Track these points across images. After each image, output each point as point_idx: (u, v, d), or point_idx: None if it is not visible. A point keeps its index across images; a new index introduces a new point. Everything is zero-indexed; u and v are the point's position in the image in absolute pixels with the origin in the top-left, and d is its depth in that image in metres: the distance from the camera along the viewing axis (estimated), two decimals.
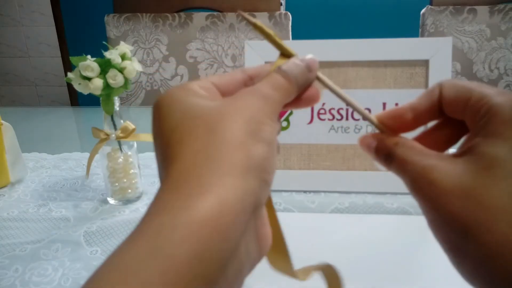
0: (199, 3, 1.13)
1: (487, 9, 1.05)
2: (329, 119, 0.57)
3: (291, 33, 1.10)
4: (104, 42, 0.60)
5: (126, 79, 0.51)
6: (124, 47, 0.51)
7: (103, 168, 0.56)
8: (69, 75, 0.50)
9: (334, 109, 0.57)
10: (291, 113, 0.58)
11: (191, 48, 1.13)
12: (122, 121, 0.54)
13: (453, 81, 0.24)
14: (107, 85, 0.50)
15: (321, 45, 0.57)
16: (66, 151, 0.75)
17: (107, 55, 0.50)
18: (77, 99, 2.36)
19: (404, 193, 0.55)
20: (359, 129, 0.57)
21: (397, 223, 0.50)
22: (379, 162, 0.26)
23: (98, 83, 0.49)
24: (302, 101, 0.25)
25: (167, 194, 0.18)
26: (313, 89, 0.25)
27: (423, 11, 1.10)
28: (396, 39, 0.56)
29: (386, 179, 0.55)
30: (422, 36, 1.10)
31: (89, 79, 0.49)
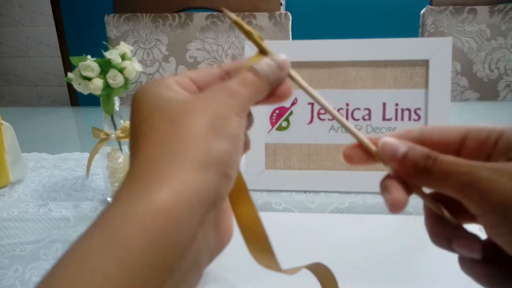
0: (199, 3, 1.13)
1: (487, 9, 1.05)
2: (329, 119, 0.57)
3: (291, 33, 1.10)
4: (104, 42, 0.60)
5: (126, 79, 0.51)
6: (124, 47, 0.51)
7: (103, 168, 0.56)
8: (69, 75, 0.50)
9: (334, 109, 0.57)
10: (291, 113, 0.58)
11: (191, 48, 1.13)
12: (122, 121, 0.54)
13: (435, 126, 0.25)
14: (107, 85, 0.50)
15: (321, 45, 0.57)
16: (66, 151, 0.75)
17: (107, 55, 0.50)
18: (77, 99, 2.36)
19: None
20: (359, 129, 0.57)
21: (397, 223, 0.50)
22: (405, 171, 0.23)
23: (98, 83, 0.49)
24: (274, 97, 0.26)
25: (126, 186, 0.19)
26: (285, 86, 0.26)
27: (423, 11, 1.10)
28: (396, 39, 0.56)
29: None
30: (422, 36, 1.10)
31: (89, 79, 0.49)
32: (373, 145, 0.25)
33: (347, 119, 0.57)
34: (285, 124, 0.59)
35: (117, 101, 0.53)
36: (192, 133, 0.20)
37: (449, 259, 0.42)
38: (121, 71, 0.50)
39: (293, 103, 0.58)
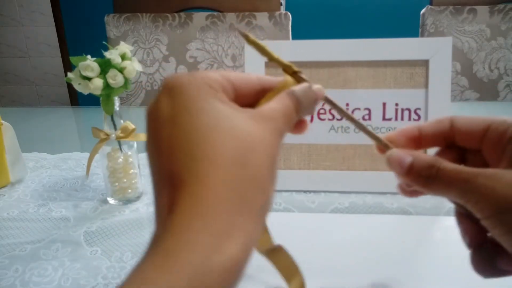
0: (199, 3, 1.13)
1: (487, 9, 1.05)
2: (329, 119, 0.57)
3: (291, 33, 1.10)
4: (104, 42, 0.60)
5: (126, 79, 0.51)
6: (124, 47, 0.51)
7: (103, 168, 0.56)
8: (69, 75, 0.50)
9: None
10: None
11: (191, 48, 1.13)
12: (122, 121, 0.54)
13: (465, 116, 0.26)
14: (107, 85, 0.50)
15: (321, 45, 0.57)
16: (66, 151, 0.75)
17: (107, 55, 0.50)
18: (77, 99, 2.36)
19: None
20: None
21: (397, 223, 0.50)
22: (412, 180, 0.25)
23: (98, 83, 0.49)
24: (295, 130, 0.26)
25: (192, 226, 0.18)
26: (304, 119, 0.26)
27: (423, 11, 1.10)
28: (396, 39, 0.56)
29: (386, 179, 0.55)
30: (422, 36, 1.10)
31: (89, 79, 0.49)
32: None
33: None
34: None
35: (117, 101, 0.53)
36: (258, 178, 0.19)
37: (449, 259, 0.42)
38: (121, 71, 0.50)
39: None
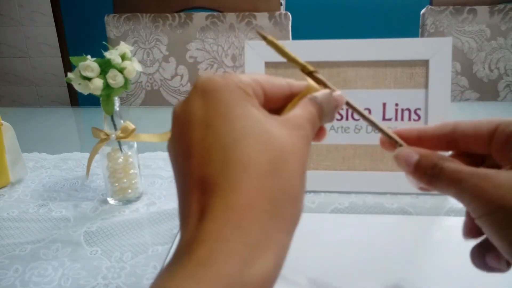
0: (199, 3, 1.13)
1: (487, 9, 1.05)
2: None
3: (291, 33, 1.10)
4: (104, 42, 0.60)
5: (126, 79, 0.51)
6: (124, 47, 0.51)
7: (103, 168, 0.56)
8: (69, 75, 0.50)
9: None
10: None
11: (191, 48, 1.13)
12: (122, 121, 0.54)
13: (469, 120, 0.26)
14: (107, 85, 0.50)
15: (321, 45, 0.57)
16: (66, 151, 0.75)
17: (107, 55, 0.50)
18: (77, 99, 2.36)
19: (404, 193, 0.55)
20: (359, 129, 0.57)
21: (397, 223, 0.50)
22: (418, 178, 0.26)
23: (98, 83, 0.49)
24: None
25: (226, 234, 0.17)
26: (323, 127, 0.27)
27: (423, 11, 1.10)
28: (396, 39, 0.56)
29: (386, 179, 0.55)
30: (422, 36, 1.10)
31: (89, 79, 0.49)
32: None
33: (347, 119, 0.57)
34: None
35: (117, 101, 0.53)
36: (290, 188, 0.20)
37: (449, 259, 0.42)
38: (121, 71, 0.50)
39: None
